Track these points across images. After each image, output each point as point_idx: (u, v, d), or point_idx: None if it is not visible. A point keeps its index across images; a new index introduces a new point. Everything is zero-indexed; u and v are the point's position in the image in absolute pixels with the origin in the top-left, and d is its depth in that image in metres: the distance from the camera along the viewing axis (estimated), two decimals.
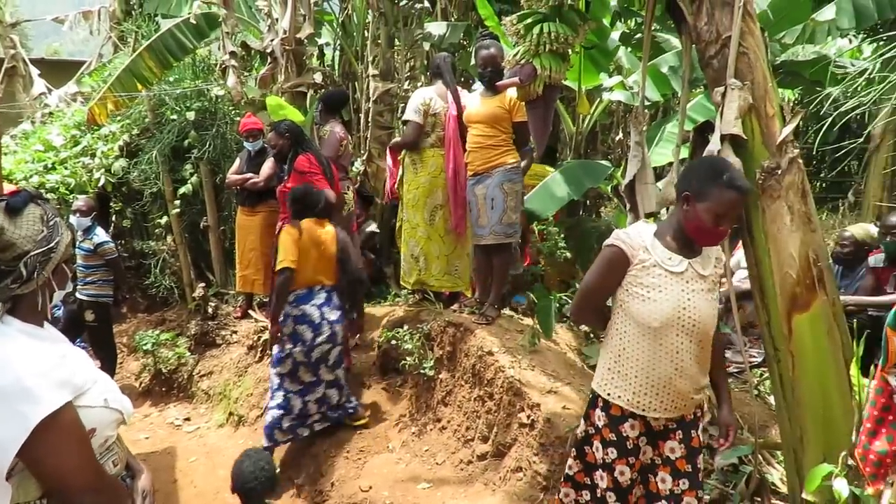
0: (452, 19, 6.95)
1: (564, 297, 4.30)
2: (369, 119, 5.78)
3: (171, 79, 6.37)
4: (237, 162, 5.44)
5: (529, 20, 2.95)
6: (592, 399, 2.31)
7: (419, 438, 3.86)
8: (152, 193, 6.14)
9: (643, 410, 2.17)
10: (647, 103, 5.61)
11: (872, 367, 2.66)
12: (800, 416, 2.59)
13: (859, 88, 3.18)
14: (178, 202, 6.00)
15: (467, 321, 3.99)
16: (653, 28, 5.51)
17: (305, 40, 5.57)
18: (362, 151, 6.07)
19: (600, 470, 2.25)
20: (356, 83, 6.82)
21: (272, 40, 5.56)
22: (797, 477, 2.60)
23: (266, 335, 4.92)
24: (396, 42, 6.34)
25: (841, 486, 2.21)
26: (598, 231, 5.50)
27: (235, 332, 5.46)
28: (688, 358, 2.13)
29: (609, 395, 2.23)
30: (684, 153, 3.79)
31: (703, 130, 2.88)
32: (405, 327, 4.27)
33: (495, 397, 3.52)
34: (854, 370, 2.36)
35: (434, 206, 4.33)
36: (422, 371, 4.02)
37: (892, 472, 1.83)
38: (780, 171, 2.60)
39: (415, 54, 6.71)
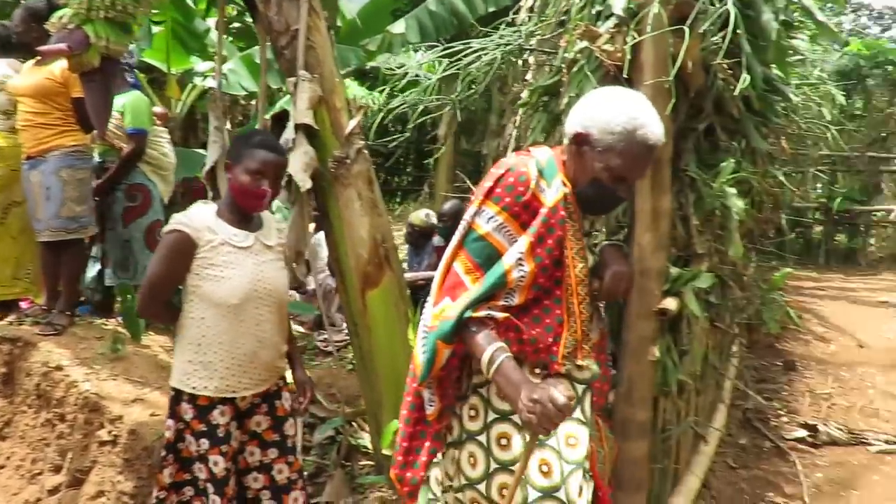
0: None
1: None
2: None
3: None
4: None
5: None
6: (176, 395, 2.18)
7: None
8: None
9: (233, 392, 2.16)
10: (244, 92, 5.55)
11: None
12: (377, 383, 2.88)
13: (426, 95, 3.64)
14: None
15: (28, 333, 3.34)
16: (249, 18, 5.48)
17: None
18: None
19: (198, 462, 2.16)
20: None
21: None
22: (378, 437, 2.90)
23: None
24: None
25: None
26: None
27: None
28: (269, 328, 2.21)
29: (194, 388, 2.14)
30: None
31: (281, 119, 2.94)
32: None
33: (68, 418, 3.02)
34: (412, 335, 2.72)
35: (10, 202, 3.61)
36: None
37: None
38: (349, 161, 2.82)
39: None
